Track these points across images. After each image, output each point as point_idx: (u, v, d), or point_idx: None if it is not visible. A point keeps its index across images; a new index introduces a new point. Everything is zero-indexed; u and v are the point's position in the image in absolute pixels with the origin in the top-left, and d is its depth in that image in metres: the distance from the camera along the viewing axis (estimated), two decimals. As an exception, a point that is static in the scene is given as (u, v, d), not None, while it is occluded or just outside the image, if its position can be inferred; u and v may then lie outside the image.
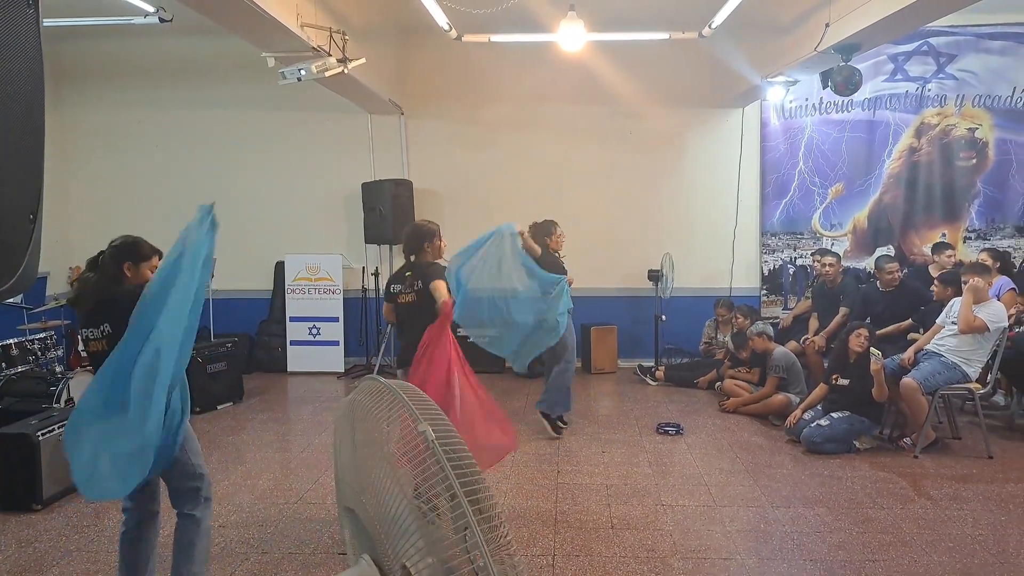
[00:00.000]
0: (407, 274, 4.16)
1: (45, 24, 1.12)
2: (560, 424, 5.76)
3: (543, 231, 5.71)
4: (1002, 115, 7.64)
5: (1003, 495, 4.45)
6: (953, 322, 5.27)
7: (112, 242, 3.00)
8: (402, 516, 1.51)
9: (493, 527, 1.39)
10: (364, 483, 1.63)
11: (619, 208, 8.11)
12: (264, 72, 5.42)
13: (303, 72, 4.98)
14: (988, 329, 5.07)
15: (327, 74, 5.16)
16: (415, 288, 4.09)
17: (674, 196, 8.11)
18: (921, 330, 5.89)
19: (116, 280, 2.93)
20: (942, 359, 5.20)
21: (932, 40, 7.62)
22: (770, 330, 6.40)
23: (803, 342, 6.61)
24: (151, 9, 6.03)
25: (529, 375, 7.61)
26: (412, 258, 4.23)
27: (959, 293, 5.38)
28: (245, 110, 8.20)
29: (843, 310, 6.46)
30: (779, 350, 6.25)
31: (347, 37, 5.32)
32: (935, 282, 5.90)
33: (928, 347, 5.37)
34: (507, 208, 8.02)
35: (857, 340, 5.31)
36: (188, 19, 5.63)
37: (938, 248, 6.79)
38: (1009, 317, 5.38)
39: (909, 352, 5.44)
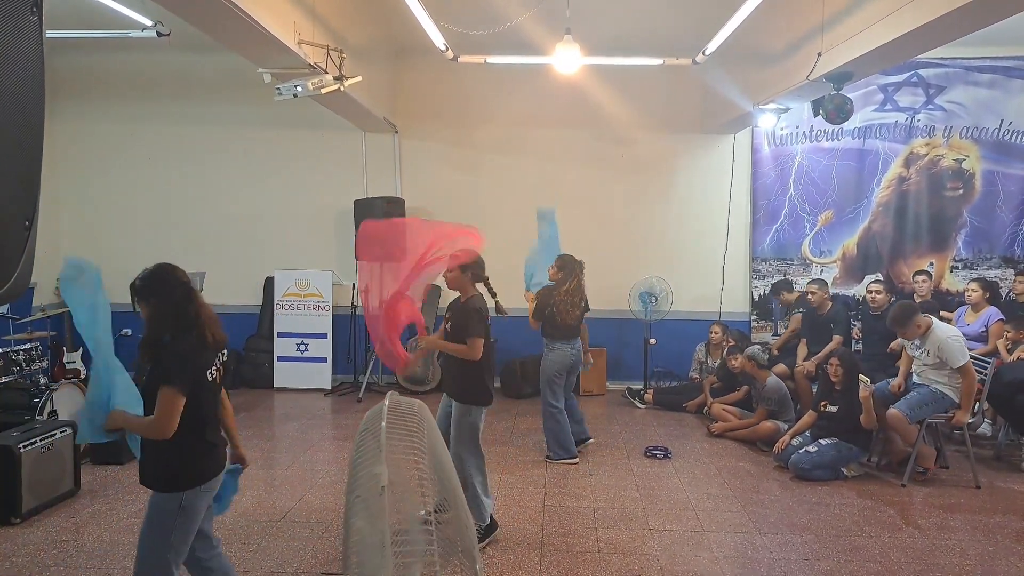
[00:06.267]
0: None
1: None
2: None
3: None
4: (989, 147, 7.74)
5: (991, 525, 4.46)
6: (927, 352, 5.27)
7: (174, 293, 2.65)
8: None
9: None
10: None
11: (609, 231, 8.12)
12: (259, 88, 5.40)
13: (299, 88, 4.98)
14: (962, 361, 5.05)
15: (323, 91, 5.16)
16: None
17: (665, 220, 8.16)
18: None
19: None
20: (930, 388, 5.19)
21: (922, 71, 7.73)
22: (762, 358, 6.26)
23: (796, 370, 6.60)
24: (149, 23, 6.02)
25: (516, 396, 7.60)
26: None
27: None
28: (239, 125, 8.20)
29: (836, 338, 6.47)
30: (772, 380, 6.15)
31: (344, 55, 5.33)
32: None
33: (915, 378, 5.35)
34: (498, 228, 8.04)
35: (831, 369, 5.36)
36: (184, 34, 5.63)
37: (917, 275, 6.90)
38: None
39: (899, 378, 5.44)
